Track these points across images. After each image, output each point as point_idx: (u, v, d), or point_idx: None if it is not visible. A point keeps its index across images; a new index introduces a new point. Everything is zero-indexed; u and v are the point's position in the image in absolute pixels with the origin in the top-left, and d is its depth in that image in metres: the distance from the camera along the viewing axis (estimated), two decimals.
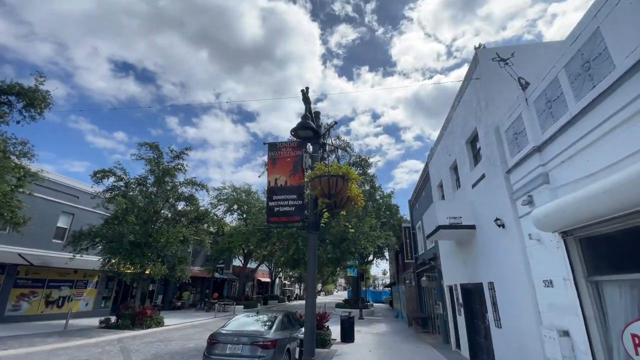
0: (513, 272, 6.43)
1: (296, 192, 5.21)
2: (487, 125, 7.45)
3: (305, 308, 4.48)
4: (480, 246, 8.27)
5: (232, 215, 30.86)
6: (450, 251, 11.04)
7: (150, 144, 17.32)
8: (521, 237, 6.09)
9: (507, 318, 6.84)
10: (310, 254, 4.67)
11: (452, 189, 10.70)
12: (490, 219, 7.40)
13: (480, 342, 9.12)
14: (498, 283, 7.23)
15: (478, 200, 8.26)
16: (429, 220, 9.98)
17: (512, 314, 6.55)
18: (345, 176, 4.44)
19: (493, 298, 7.54)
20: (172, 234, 16.20)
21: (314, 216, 4.89)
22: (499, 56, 7.70)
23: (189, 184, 18.87)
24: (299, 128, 4.56)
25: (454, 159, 10.21)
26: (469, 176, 8.93)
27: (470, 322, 9.80)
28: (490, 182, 7.36)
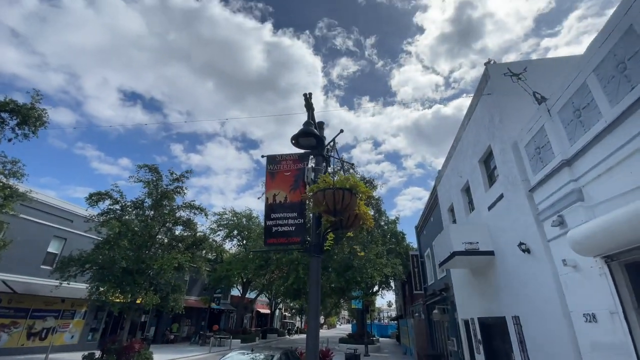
0: (544, 305, 5.61)
1: (297, 209, 4.61)
2: (502, 142, 6.95)
3: (306, 345, 3.73)
4: (500, 275, 7.46)
5: (232, 242, 29.90)
6: (465, 281, 10.14)
7: (150, 166, 16.94)
8: (552, 263, 5.36)
9: (539, 359, 5.91)
10: (312, 281, 3.98)
11: (464, 213, 10.01)
12: (513, 244, 6.68)
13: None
14: (525, 317, 6.36)
15: (496, 223, 7.57)
16: (441, 246, 9.22)
17: (545, 354, 5.65)
18: (352, 189, 3.86)
19: (519, 335, 6.63)
20: (167, 260, 15.35)
21: (317, 237, 4.24)
22: (510, 71, 7.36)
23: (187, 207, 18.26)
24: (301, 135, 4.05)
25: (466, 180, 9.63)
26: (483, 198, 8.29)
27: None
28: (510, 202, 6.72)
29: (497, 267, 7.65)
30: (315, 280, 4.00)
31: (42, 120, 11.02)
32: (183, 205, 18.35)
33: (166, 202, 17.14)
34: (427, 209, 17.38)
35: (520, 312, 6.60)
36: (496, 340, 8.44)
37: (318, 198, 3.90)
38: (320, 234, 4.31)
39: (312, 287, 3.95)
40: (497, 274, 7.61)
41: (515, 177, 6.40)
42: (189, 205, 18.42)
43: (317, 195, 3.90)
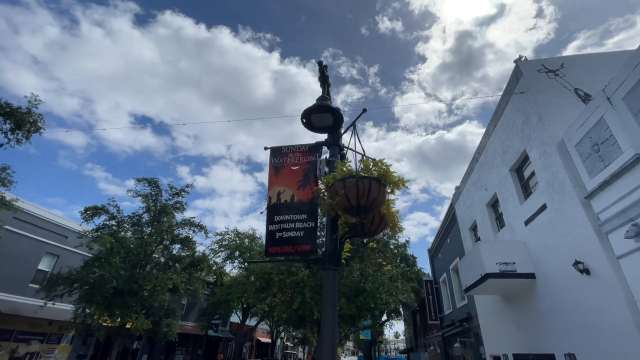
0: (613, 339, 4.44)
1: (306, 210, 3.66)
2: (543, 144, 6.02)
3: None
4: (545, 301, 6.26)
5: (233, 263, 28.56)
6: (495, 309, 8.84)
7: (149, 180, 16.23)
8: (624, 285, 4.25)
9: None
10: (326, 299, 2.98)
11: (491, 230, 8.90)
12: (562, 264, 5.57)
13: None
14: (585, 355, 5.13)
15: (537, 240, 6.48)
16: (467, 268, 8.07)
17: None
18: (381, 179, 2.94)
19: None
20: (161, 281, 14.20)
21: (333, 244, 3.28)
22: (545, 67, 6.59)
23: (186, 224, 17.32)
24: (314, 110, 3.17)
25: (493, 193, 8.61)
26: (518, 211, 7.25)
27: None
28: (557, 213, 5.69)
29: (539, 292, 6.46)
30: (330, 299, 2.98)
31: (37, 126, 10.45)
32: (182, 222, 17.44)
33: (165, 218, 16.25)
34: (442, 230, 16.17)
35: (576, 349, 5.36)
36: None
37: (336, 190, 2.98)
38: (337, 241, 3.34)
39: (327, 308, 2.93)
40: (540, 300, 6.42)
41: (563, 182, 5.41)
42: (188, 222, 17.49)
43: (335, 186, 2.98)
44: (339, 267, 3.22)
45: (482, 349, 10.75)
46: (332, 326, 2.87)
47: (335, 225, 3.40)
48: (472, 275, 7.51)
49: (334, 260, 3.17)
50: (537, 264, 6.48)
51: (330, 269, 3.13)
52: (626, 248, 4.20)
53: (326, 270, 3.14)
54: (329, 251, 3.23)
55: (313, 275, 9.57)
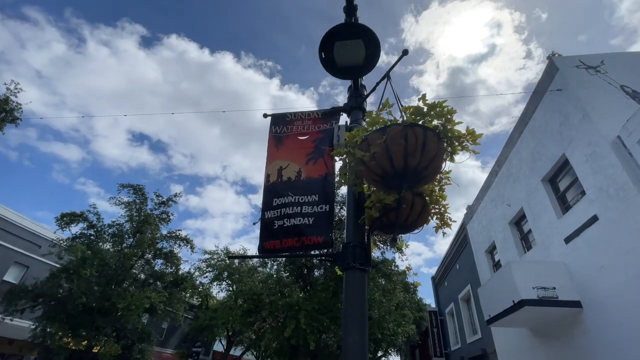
0: None
1: (318, 189, 2.64)
2: (590, 144, 5.14)
3: None
4: (595, 336, 5.09)
5: (221, 285, 26.70)
6: (521, 346, 7.55)
7: (134, 187, 15.04)
8: None
9: None
10: (351, 315, 1.90)
11: (516, 252, 7.82)
12: (624, 288, 4.49)
13: None
14: None
15: (583, 260, 5.42)
16: (492, 294, 6.90)
17: None
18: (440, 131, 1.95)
19: None
20: (137, 299, 12.65)
21: (358, 232, 2.23)
22: (584, 64, 5.86)
23: (171, 237, 15.96)
24: (341, 32, 2.13)
25: (518, 209, 7.62)
26: (554, 227, 6.23)
27: None
28: (616, 226, 4.69)
29: (586, 325, 5.30)
30: (358, 312, 1.90)
31: (14, 116, 9.49)
32: (167, 234, 16.09)
33: (148, 230, 14.91)
34: (449, 255, 14.99)
35: None
36: None
37: (369, 146, 1.98)
38: (364, 229, 2.29)
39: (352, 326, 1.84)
40: (588, 335, 5.25)
41: (624, 186, 4.46)
42: (174, 235, 16.15)
43: (369, 141, 1.99)
44: (369, 267, 2.14)
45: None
46: (360, 352, 1.76)
47: (360, 209, 2.36)
48: (500, 303, 6.34)
49: (362, 256, 2.09)
50: (584, 289, 5.37)
51: (356, 269, 2.04)
52: None
53: (349, 270, 2.06)
54: (353, 243, 2.16)
55: (310, 298, 8.31)
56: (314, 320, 8.01)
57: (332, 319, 8.53)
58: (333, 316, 8.58)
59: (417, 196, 2.39)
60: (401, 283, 14.90)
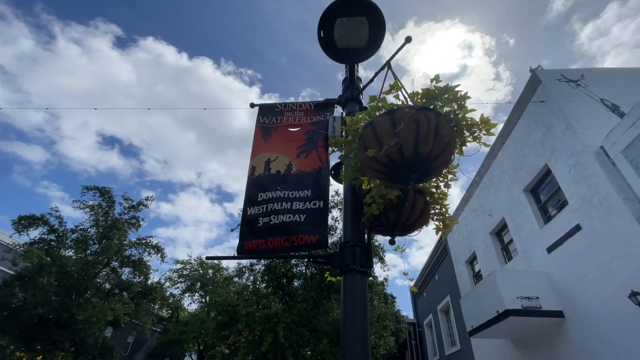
0: None
1: (311, 184, 2.38)
2: (574, 155, 5.23)
3: None
4: (577, 346, 5.07)
5: (193, 296, 25.42)
6: (501, 357, 7.49)
7: (100, 189, 14.06)
8: None
9: None
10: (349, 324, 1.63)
11: (497, 262, 7.84)
12: (606, 298, 4.50)
13: None
14: None
15: (565, 269, 5.44)
16: (474, 305, 6.82)
17: None
18: (452, 118, 1.77)
19: None
20: (99, 310, 11.65)
21: (357, 231, 1.99)
22: (565, 77, 6.05)
23: (140, 244, 15.01)
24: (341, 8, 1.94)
25: (499, 219, 7.69)
26: (536, 237, 6.28)
27: None
28: (599, 235, 4.73)
29: (569, 335, 5.29)
30: (360, 323, 1.63)
31: None
32: (137, 241, 15.13)
33: (116, 236, 13.94)
34: (428, 267, 15.03)
35: None
36: None
37: (375, 133, 1.77)
38: (363, 228, 2.05)
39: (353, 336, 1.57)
40: (571, 345, 5.23)
41: (607, 196, 4.52)
42: (143, 242, 15.20)
43: (375, 125, 1.78)
44: (370, 269, 1.90)
45: None
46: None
47: (359, 205, 2.13)
48: (483, 313, 6.25)
49: (363, 257, 1.85)
50: (567, 299, 5.38)
51: (356, 272, 1.79)
52: None
53: (349, 273, 1.81)
54: (352, 242, 1.91)
55: (289, 310, 7.88)
56: (293, 333, 7.58)
57: (312, 331, 8.14)
58: (313, 328, 8.20)
59: (419, 194, 2.19)
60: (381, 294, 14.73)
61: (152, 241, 15.38)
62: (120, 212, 14.32)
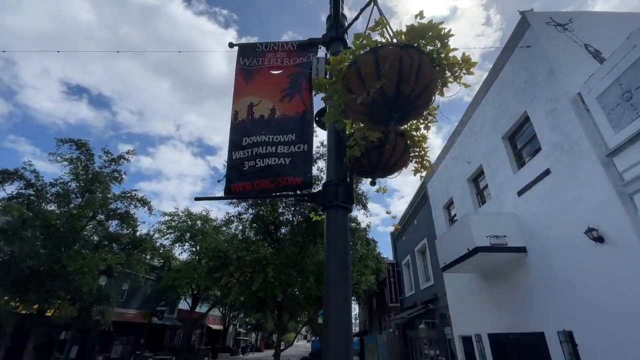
0: (628, 315, 3.89)
1: (295, 128, 2.41)
2: (552, 101, 5.36)
3: None
4: (536, 277, 5.75)
5: (183, 246, 26.20)
6: (469, 289, 8.41)
7: (77, 142, 13.48)
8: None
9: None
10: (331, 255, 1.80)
11: (472, 206, 8.37)
12: (566, 234, 5.00)
13: None
14: (585, 332, 4.62)
15: (532, 210, 5.91)
16: (449, 245, 7.42)
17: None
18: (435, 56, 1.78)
19: (573, 356, 4.88)
20: (90, 261, 11.94)
21: (340, 170, 2.09)
22: (554, 21, 5.92)
23: (125, 197, 14.94)
24: None
25: (477, 165, 8.03)
26: (509, 182, 6.67)
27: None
28: (566, 178, 5.08)
29: (529, 268, 5.94)
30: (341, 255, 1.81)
31: None
32: (121, 194, 15.02)
33: (98, 189, 13.74)
34: (408, 213, 15.83)
35: (574, 326, 4.86)
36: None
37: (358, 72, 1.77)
38: (346, 168, 2.15)
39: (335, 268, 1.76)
40: (531, 276, 5.90)
41: (578, 141, 4.77)
42: (128, 195, 15.11)
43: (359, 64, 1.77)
44: (352, 205, 2.04)
45: (447, 329, 10.47)
46: (343, 295, 1.70)
47: (342, 147, 2.20)
48: (456, 251, 6.85)
49: (345, 194, 1.97)
50: (531, 236, 5.93)
51: (339, 207, 1.92)
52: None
53: (331, 209, 1.94)
54: (335, 181, 2.02)
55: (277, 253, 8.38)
56: (282, 274, 8.17)
57: (299, 271, 8.76)
58: (300, 269, 8.81)
59: (400, 136, 2.28)
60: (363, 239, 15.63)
61: (137, 194, 15.30)
62: (101, 165, 13.95)
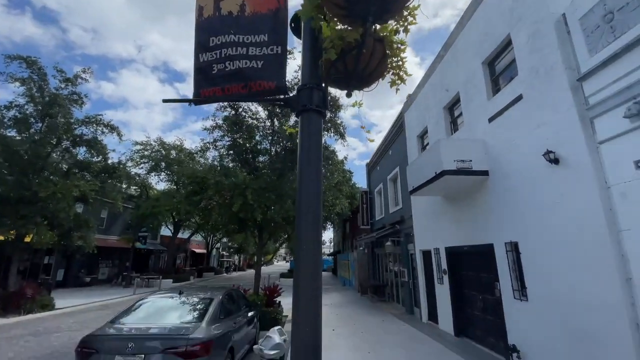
0: (572, 226, 4.50)
1: (268, 27, 2.24)
2: (536, 22, 5.21)
3: (294, 284, 1.78)
4: (494, 198, 6.34)
5: (159, 176, 25.95)
6: (433, 210, 9.19)
7: (25, 59, 11.97)
8: (598, 172, 4.09)
9: (546, 288, 5.03)
10: (304, 160, 1.87)
11: (444, 134, 8.63)
12: (526, 158, 5.38)
13: (472, 316, 7.54)
14: (530, 243, 5.36)
15: (500, 136, 6.20)
16: (419, 169, 7.82)
17: (561, 283, 4.70)
18: None
19: (515, 263, 5.73)
20: (62, 188, 11.70)
21: (315, 74, 2.04)
22: None
23: (91, 122, 14.04)
24: None
25: (455, 93, 8.04)
26: (482, 109, 6.81)
27: (457, 293, 8.18)
28: (535, 103, 5.24)
29: (489, 189, 6.50)
30: (314, 158, 1.89)
31: None
32: (85, 119, 14.06)
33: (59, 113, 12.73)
34: (384, 144, 16.14)
35: (520, 237, 5.59)
36: (468, 269, 7.77)
37: None
38: (321, 72, 2.10)
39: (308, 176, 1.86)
40: (489, 197, 6.49)
41: (553, 66, 4.81)
42: (93, 119, 14.18)
43: None
44: (326, 110, 2.05)
45: (410, 246, 11.72)
46: (314, 210, 1.82)
47: (317, 50, 2.10)
48: (425, 175, 7.27)
49: (319, 98, 1.96)
50: (494, 161, 6.34)
51: (313, 111, 1.93)
52: (614, 131, 3.89)
53: (305, 113, 1.95)
54: (310, 85, 1.99)
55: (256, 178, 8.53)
56: (261, 197, 8.47)
57: (278, 196, 9.10)
58: (279, 194, 9.14)
59: (378, 42, 2.19)
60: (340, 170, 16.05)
61: (102, 119, 14.38)
62: (57, 86, 12.67)
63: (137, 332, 3.92)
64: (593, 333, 4.10)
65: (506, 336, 5.90)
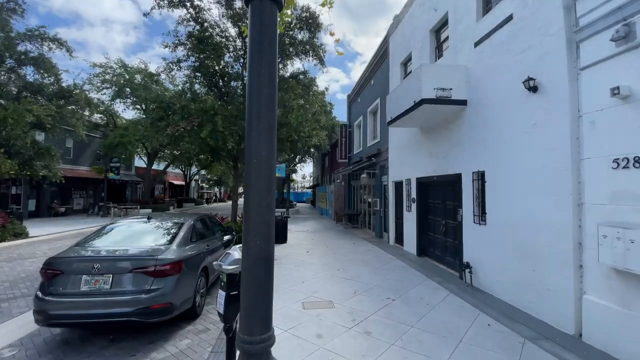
0: (538, 155, 4.60)
1: None
2: None
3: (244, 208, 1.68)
4: (468, 128, 6.32)
5: (125, 103, 24.10)
6: (409, 142, 9.21)
7: None
8: (574, 100, 4.03)
9: (505, 213, 5.36)
10: (255, 59, 1.59)
11: (428, 60, 8.16)
12: (506, 85, 5.21)
13: (434, 239, 8.17)
14: (497, 172, 5.53)
15: (483, 62, 5.90)
16: (398, 98, 7.54)
17: (520, 209, 4.99)
18: None
19: (479, 191, 6.00)
20: (13, 112, 10.61)
21: None
22: None
23: (35, 37, 12.19)
24: None
25: (443, 13, 7.37)
26: (470, 31, 6.34)
27: (423, 219, 8.71)
28: (524, 24, 4.87)
29: (465, 120, 6.44)
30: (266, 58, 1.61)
31: None
32: (27, 32, 12.15)
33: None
34: (366, 73, 15.32)
35: (487, 167, 5.75)
36: (435, 198, 8.16)
37: None
38: None
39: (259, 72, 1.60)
40: (464, 128, 6.47)
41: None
42: (37, 33, 12.29)
43: None
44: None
45: (384, 178, 12.04)
46: (267, 117, 1.60)
47: None
48: (404, 105, 7.05)
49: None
50: (474, 90, 6.15)
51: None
52: (598, 56, 3.72)
53: (256, 0, 1.61)
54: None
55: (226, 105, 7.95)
56: (232, 124, 8.05)
57: None
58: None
59: None
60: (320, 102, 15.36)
61: (47, 32, 12.47)
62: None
63: (106, 253, 3.91)
64: (540, 250, 4.53)
65: (462, 255, 6.49)
